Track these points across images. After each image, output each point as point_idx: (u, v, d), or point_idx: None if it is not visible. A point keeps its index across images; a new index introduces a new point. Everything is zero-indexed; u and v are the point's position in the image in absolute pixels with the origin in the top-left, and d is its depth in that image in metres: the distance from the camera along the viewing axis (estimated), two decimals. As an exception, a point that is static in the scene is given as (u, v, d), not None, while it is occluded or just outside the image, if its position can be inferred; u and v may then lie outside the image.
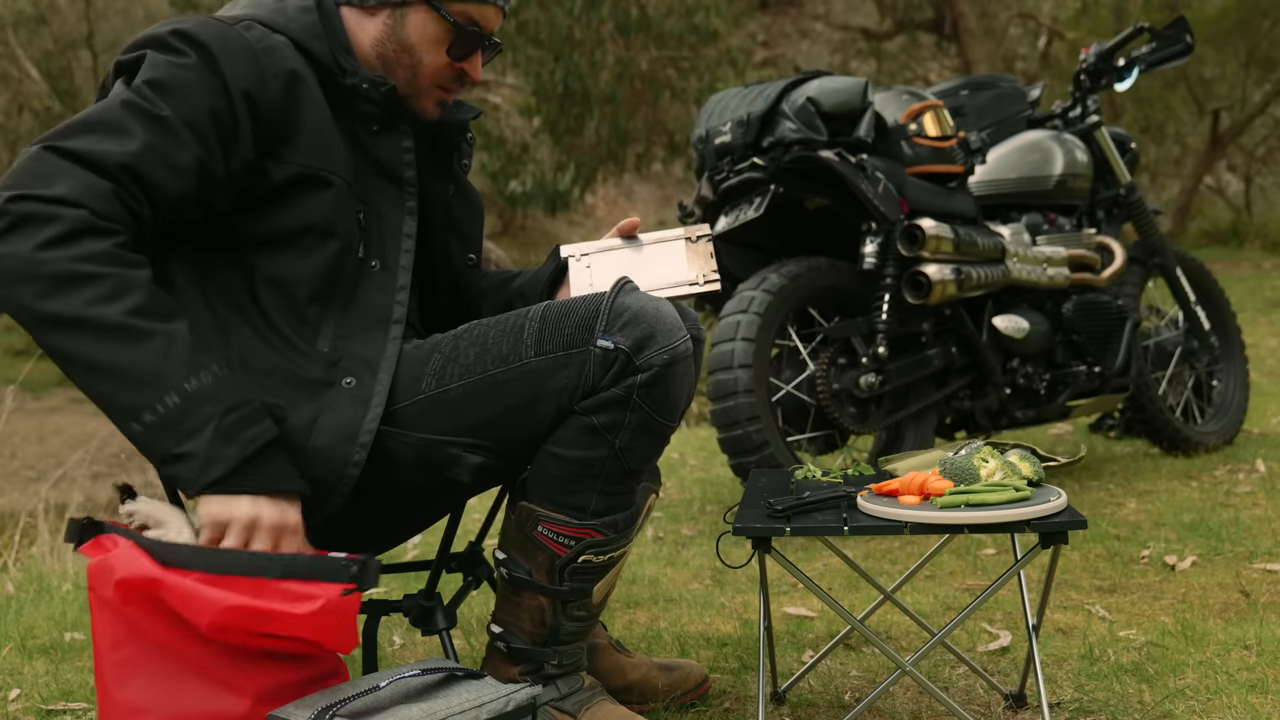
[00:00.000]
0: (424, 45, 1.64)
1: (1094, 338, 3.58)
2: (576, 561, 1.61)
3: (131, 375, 1.36)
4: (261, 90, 1.50)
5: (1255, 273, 11.39)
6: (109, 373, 1.36)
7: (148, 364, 1.37)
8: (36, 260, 1.34)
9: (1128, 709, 1.81)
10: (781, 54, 15.13)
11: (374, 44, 1.64)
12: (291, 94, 1.53)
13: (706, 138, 3.35)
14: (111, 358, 1.36)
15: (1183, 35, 3.77)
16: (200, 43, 1.49)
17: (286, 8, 1.60)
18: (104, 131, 1.42)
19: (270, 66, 1.51)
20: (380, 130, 1.63)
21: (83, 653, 2.37)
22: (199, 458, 1.37)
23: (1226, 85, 13.65)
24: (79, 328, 1.35)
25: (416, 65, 1.64)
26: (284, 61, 1.53)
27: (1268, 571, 2.56)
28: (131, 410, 1.37)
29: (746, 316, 3.07)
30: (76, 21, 16.20)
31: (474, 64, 1.69)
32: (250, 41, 1.51)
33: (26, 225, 1.35)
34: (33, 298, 1.34)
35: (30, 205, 1.35)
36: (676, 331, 1.55)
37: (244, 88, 1.49)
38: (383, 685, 1.39)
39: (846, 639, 2.15)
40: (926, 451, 1.81)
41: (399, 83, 1.65)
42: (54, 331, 1.36)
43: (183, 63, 1.47)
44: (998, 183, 3.68)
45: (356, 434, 1.50)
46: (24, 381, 6.06)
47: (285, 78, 1.52)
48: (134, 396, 1.36)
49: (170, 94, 1.46)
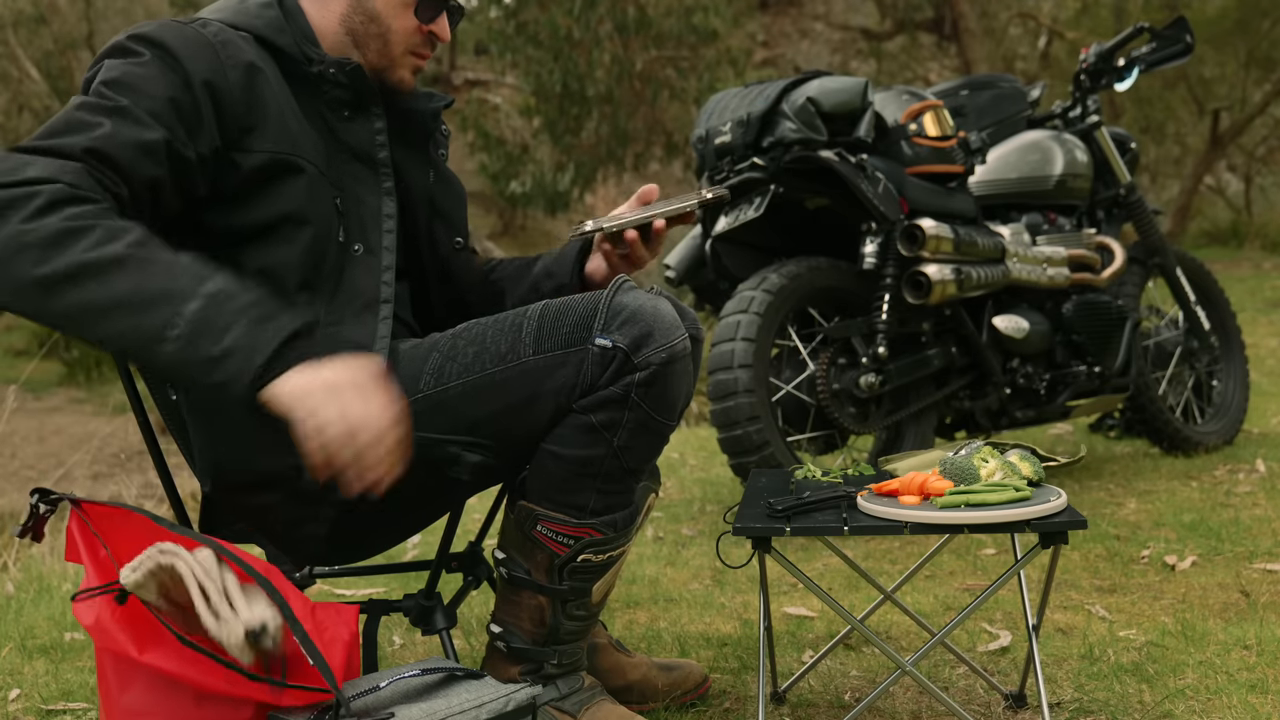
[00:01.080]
0: (390, 11, 1.65)
1: (1094, 338, 3.58)
2: (576, 560, 1.61)
3: (145, 299, 1.32)
4: (222, 80, 1.51)
5: (1255, 273, 11.39)
6: (122, 305, 1.32)
7: (159, 284, 1.33)
8: (24, 232, 1.31)
9: (1128, 709, 1.81)
10: (781, 54, 15.13)
11: (341, 20, 1.66)
12: (251, 84, 1.53)
13: (706, 138, 3.35)
14: (120, 290, 1.32)
15: (1183, 35, 3.77)
16: (156, 41, 1.50)
17: (248, 7, 1.62)
18: (64, 129, 1.42)
19: (229, 58, 1.52)
20: (351, 115, 1.64)
21: (83, 653, 2.37)
22: (241, 350, 1.32)
23: (1226, 85, 13.65)
24: (81, 275, 1.31)
25: (386, 33, 1.66)
26: (241, 54, 1.54)
27: (1268, 571, 2.56)
28: (156, 332, 1.32)
29: (746, 316, 3.07)
30: (76, 21, 16.20)
31: (441, 25, 1.70)
32: (207, 36, 1.52)
33: (5, 210, 1.33)
34: (30, 266, 1.31)
35: (4, 192, 1.33)
36: (675, 330, 1.55)
37: (204, 78, 1.49)
38: (383, 685, 1.39)
39: (846, 639, 2.15)
40: (926, 451, 1.81)
41: (371, 55, 1.66)
42: (58, 292, 1.32)
43: (139, 61, 1.48)
44: (998, 183, 3.68)
45: None
46: (24, 382, 6.06)
47: (244, 69, 1.53)
48: (154, 317, 1.31)
49: (127, 89, 1.45)
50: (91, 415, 12.28)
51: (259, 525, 1.64)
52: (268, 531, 1.64)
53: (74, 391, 13.99)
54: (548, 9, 12.20)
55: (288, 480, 1.54)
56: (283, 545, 1.65)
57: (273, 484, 1.56)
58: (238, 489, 1.59)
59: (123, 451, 6.85)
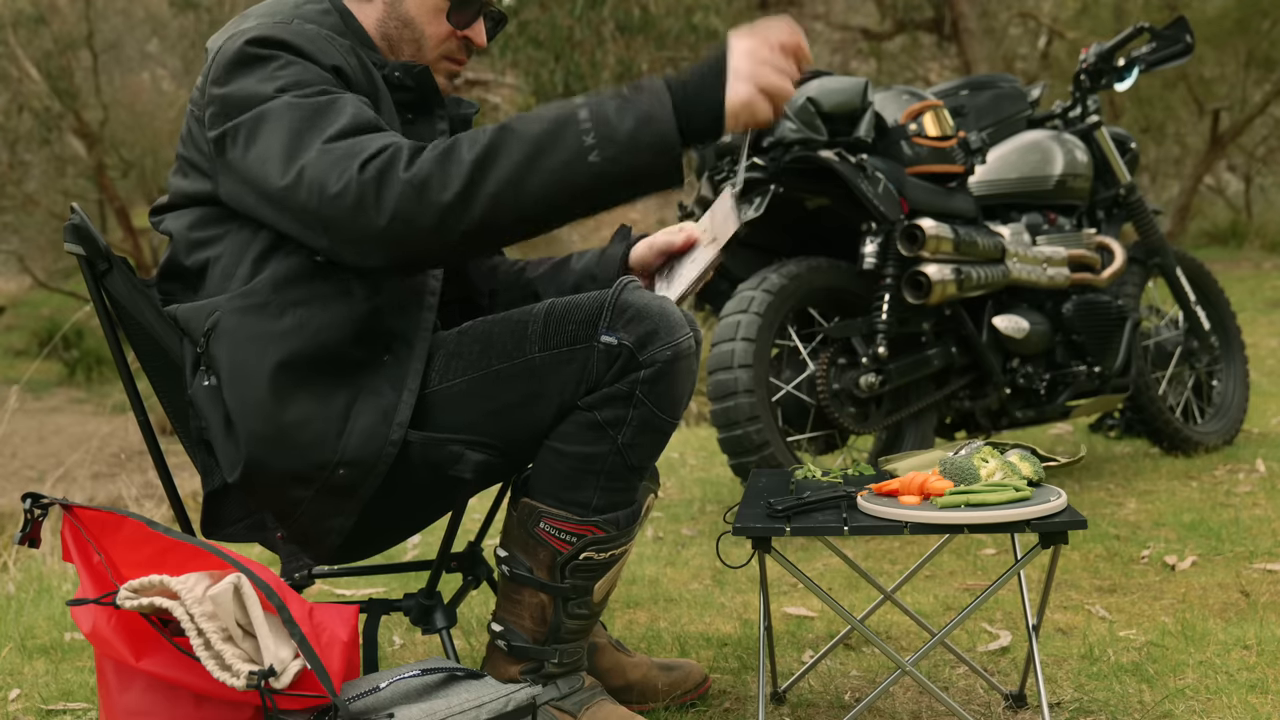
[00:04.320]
0: (424, 16, 1.67)
1: (1094, 338, 3.58)
2: (578, 559, 1.61)
3: (547, 137, 1.42)
4: (345, 65, 1.57)
5: (1255, 273, 11.38)
6: (534, 156, 1.42)
7: (543, 123, 1.43)
8: (412, 176, 1.42)
9: (1128, 709, 1.81)
10: (781, 54, 15.10)
11: (377, 27, 1.68)
12: (365, 68, 1.60)
13: (706, 138, 3.35)
14: (523, 149, 1.42)
15: (1183, 35, 3.77)
16: (275, 41, 1.54)
17: (306, 12, 1.63)
18: (326, 117, 1.48)
19: (339, 47, 1.58)
20: (414, 118, 1.66)
21: (83, 653, 2.37)
22: (648, 112, 1.42)
23: (1226, 85, 13.64)
24: (483, 165, 1.42)
25: (420, 39, 1.68)
26: (344, 44, 1.60)
27: (1268, 571, 2.56)
28: (577, 150, 1.41)
29: (746, 316, 3.07)
30: (76, 21, 16.18)
31: (477, 30, 1.72)
32: (315, 33, 1.57)
33: (385, 171, 1.42)
34: (439, 193, 1.41)
35: (372, 164, 1.43)
36: (680, 328, 1.55)
37: (333, 64, 1.56)
38: (383, 685, 1.39)
39: (846, 639, 2.15)
40: (926, 451, 1.81)
41: (405, 61, 1.68)
42: (475, 191, 1.42)
43: (280, 64, 1.53)
44: (998, 183, 3.68)
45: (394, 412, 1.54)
46: (24, 382, 6.06)
47: (355, 56, 1.60)
48: (567, 142, 1.41)
49: (303, 84, 1.51)
50: (91, 415, 12.29)
51: (283, 518, 1.62)
52: (290, 525, 1.63)
53: (74, 391, 14.00)
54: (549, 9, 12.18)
55: (323, 475, 1.54)
56: (304, 539, 1.64)
57: (309, 479, 1.55)
58: (269, 482, 1.58)
59: (123, 451, 6.84)
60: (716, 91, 1.44)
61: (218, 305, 1.56)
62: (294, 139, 1.47)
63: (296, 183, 1.46)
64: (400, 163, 1.43)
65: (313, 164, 1.45)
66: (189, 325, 1.60)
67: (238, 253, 1.58)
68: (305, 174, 1.45)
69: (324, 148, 1.45)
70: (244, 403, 1.54)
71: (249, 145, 1.50)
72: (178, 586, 1.30)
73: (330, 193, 1.43)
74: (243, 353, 1.54)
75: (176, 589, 1.30)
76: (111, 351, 1.73)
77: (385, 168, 1.43)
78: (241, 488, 1.60)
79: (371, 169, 1.43)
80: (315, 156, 1.45)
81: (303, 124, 1.48)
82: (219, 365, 1.56)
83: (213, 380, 1.58)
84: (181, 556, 1.40)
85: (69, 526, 1.42)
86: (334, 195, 1.43)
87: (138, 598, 1.31)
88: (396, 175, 1.42)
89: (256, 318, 1.54)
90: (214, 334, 1.56)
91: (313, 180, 1.44)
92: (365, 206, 1.42)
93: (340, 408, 1.53)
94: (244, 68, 1.53)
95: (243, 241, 1.58)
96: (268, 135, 1.49)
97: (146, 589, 1.31)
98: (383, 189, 1.42)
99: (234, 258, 1.58)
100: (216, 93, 1.55)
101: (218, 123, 1.54)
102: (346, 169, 1.43)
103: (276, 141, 1.48)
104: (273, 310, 1.54)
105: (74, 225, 1.63)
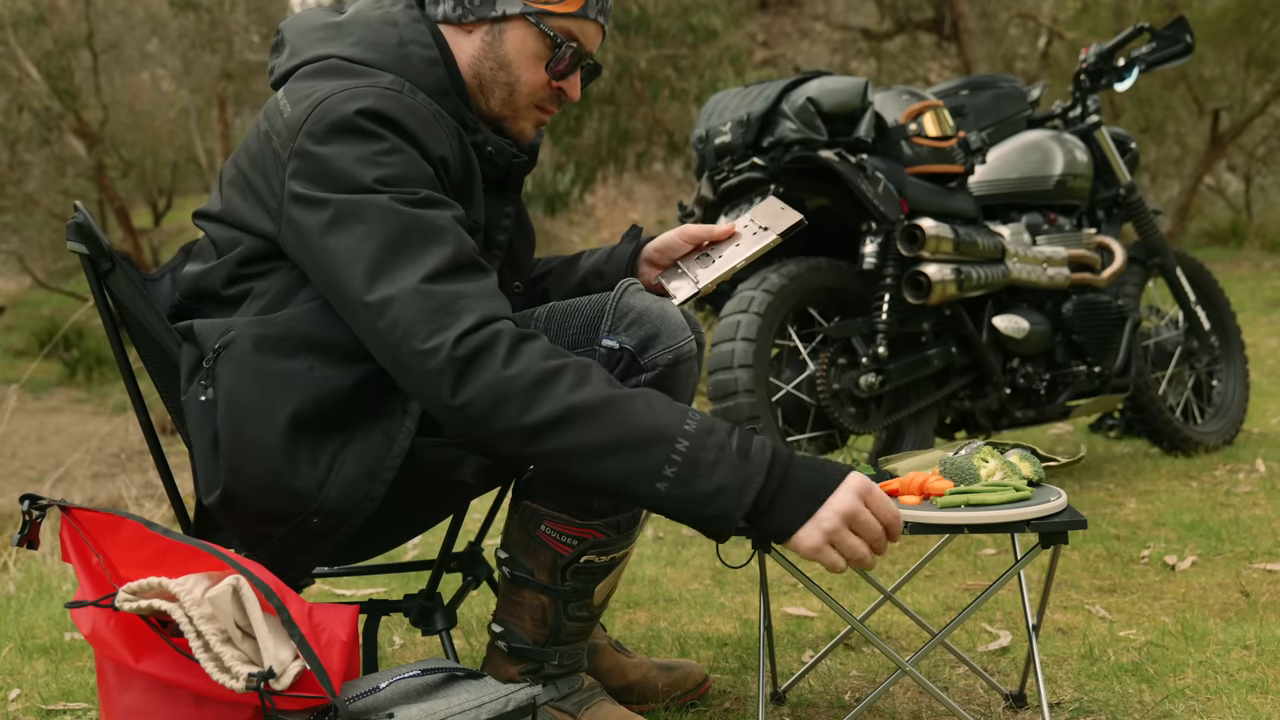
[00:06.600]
0: (521, 61, 1.60)
1: (1094, 338, 3.58)
2: (579, 561, 1.62)
3: (639, 439, 1.36)
4: (449, 153, 1.52)
5: (1255, 273, 11.38)
6: (617, 447, 1.36)
7: (646, 423, 1.37)
8: (505, 380, 1.36)
9: (1128, 709, 1.81)
10: (781, 54, 15.11)
11: (471, 62, 1.61)
12: (464, 151, 1.56)
13: (706, 138, 3.35)
14: (614, 433, 1.36)
15: (1183, 35, 3.77)
16: (388, 118, 1.47)
17: (410, 56, 1.57)
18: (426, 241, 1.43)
19: (446, 128, 1.54)
20: (489, 191, 1.63)
21: (83, 653, 2.37)
22: (731, 488, 1.36)
23: (1226, 85, 13.63)
24: (572, 419, 1.36)
25: (514, 83, 1.62)
26: (450, 123, 1.56)
27: (1268, 571, 2.56)
28: (653, 472, 1.36)
29: (746, 316, 3.07)
30: (76, 21, 16.18)
31: (572, 83, 1.65)
32: (428, 111, 1.52)
33: (479, 356, 1.37)
34: (518, 414, 1.36)
35: (468, 341, 1.37)
36: (681, 332, 1.55)
37: (440, 154, 1.51)
38: (383, 686, 1.39)
39: (846, 639, 2.15)
40: (926, 451, 1.81)
41: (494, 103, 1.63)
42: (549, 435, 1.36)
43: (386, 147, 1.46)
44: (998, 183, 3.68)
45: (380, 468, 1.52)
46: (24, 382, 6.06)
47: (458, 138, 1.56)
48: (650, 459, 1.36)
49: (406, 181, 1.46)
50: (91, 415, 12.29)
51: (251, 546, 1.59)
52: (258, 554, 1.59)
53: (74, 391, 14.00)
54: (548, 9, 12.15)
55: (297, 519, 1.52)
56: (272, 565, 1.62)
57: (282, 520, 1.53)
58: (243, 513, 1.55)
59: (123, 451, 6.85)
60: (798, 520, 1.38)
61: (233, 325, 1.52)
62: (387, 255, 1.41)
63: (381, 310, 1.40)
64: (499, 354, 1.37)
65: (405, 303, 1.39)
66: (201, 336, 1.55)
67: (274, 285, 1.54)
68: (394, 309, 1.39)
69: (421, 289, 1.39)
70: (237, 438, 1.50)
71: (334, 232, 1.44)
72: (176, 589, 1.30)
73: (417, 348, 1.38)
74: (247, 388, 1.49)
75: (175, 591, 1.30)
76: (113, 351, 1.72)
77: (481, 351, 1.37)
78: (213, 511, 1.57)
79: (466, 347, 1.37)
80: (409, 296, 1.39)
81: (400, 241, 1.42)
82: (220, 385, 1.51)
83: (210, 395, 1.53)
84: (180, 557, 1.40)
85: (67, 528, 1.42)
86: (420, 352, 1.38)
87: (136, 600, 1.31)
88: (490, 368, 1.37)
89: (271, 355, 1.49)
90: (225, 352, 1.51)
91: (400, 321, 1.39)
92: (445, 381, 1.37)
93: (328, 456, 1.49)
94: (348, 136, 1.46)
95: (283, 278, 1.54)
96: (359, 235, 1.42)
97: (145, 591, 1.31)
98: (470, 374, 1.37)
99: (269, 288, 1.54)
100: (311, 149, 1.47)
101: (303, 182, 1.47)
102: (441, 332, 1.37)
103: (368, 247, 1.42)
104: (288, 348, 1.49)
105: (77, 224, 1.62)
